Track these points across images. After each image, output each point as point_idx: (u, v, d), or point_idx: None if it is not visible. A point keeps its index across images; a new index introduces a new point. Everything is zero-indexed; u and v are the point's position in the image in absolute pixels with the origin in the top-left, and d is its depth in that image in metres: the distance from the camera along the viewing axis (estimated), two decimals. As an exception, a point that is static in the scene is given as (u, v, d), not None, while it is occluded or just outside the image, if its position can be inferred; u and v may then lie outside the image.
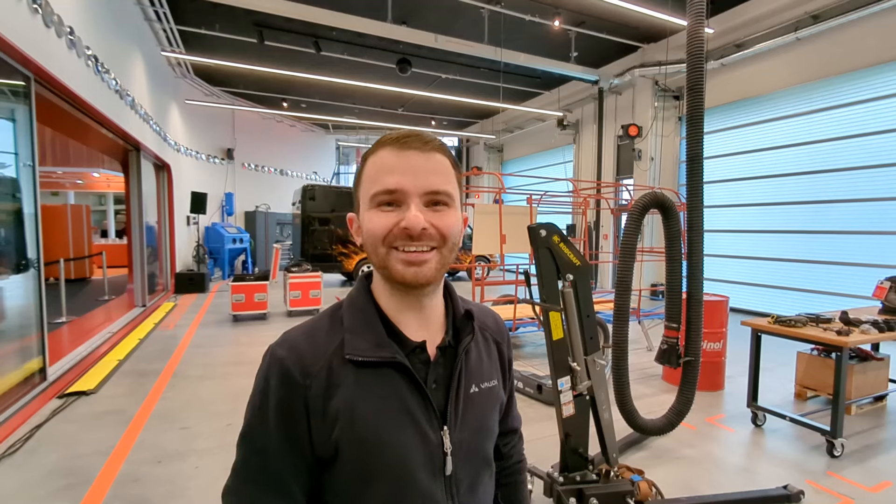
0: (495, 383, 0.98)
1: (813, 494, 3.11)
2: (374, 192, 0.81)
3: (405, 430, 0.83)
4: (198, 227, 13.22)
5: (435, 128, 19.17)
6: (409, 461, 0.82)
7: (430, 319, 0.91)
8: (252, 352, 6.41)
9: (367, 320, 0.87)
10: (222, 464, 3.46)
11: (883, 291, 4.39)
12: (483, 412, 0.94)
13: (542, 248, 2.45)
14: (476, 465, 0.93)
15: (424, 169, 0.82)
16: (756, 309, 9.14)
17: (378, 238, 0.81)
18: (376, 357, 0.83)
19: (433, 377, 0.87)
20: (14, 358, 4.46)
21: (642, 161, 11.37)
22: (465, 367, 0.92)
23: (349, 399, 0.81)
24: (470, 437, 0.90)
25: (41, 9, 4.63)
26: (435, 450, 0.85)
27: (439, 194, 0.82)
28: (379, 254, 0.82)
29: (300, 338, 0.86)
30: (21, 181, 4.63)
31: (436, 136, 0.86)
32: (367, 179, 0.84)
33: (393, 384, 0.84)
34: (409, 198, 0.80)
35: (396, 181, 0.80)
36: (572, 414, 2.52)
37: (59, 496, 3.02)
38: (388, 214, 0.81)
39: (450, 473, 0.86)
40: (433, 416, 0.85)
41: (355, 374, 0.83)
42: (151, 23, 9.79)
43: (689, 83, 2.91)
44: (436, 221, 0.81)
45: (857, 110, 7.83)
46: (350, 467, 0.82)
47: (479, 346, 0.98)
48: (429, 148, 0.83)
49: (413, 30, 9.56)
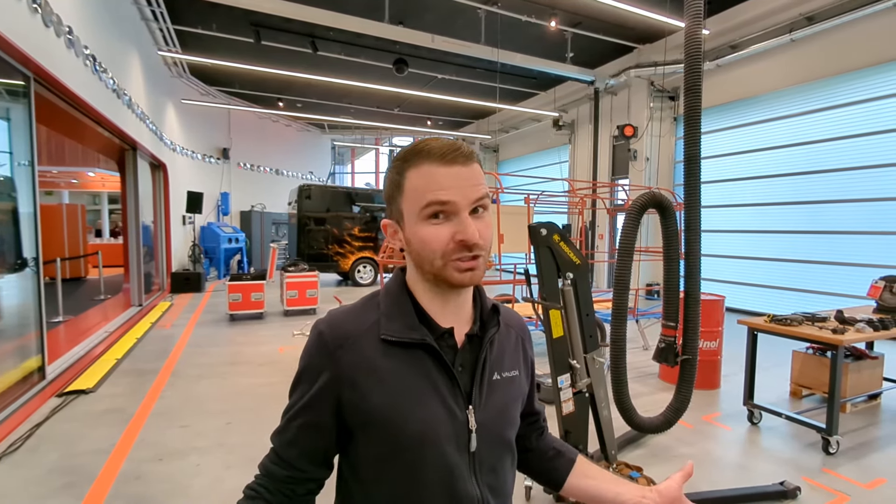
0: (516, 374, 1.04)
1: (809, 491, 3.14)
2: (425, 204, 0.86)
3: (433, 403, 0.89)
4: (194, 226, 13.19)
5: (431, 127, 19.18)
6: (437, 433, 0.88)
7: (460, 311, 0.97)
8: (249, 351, 6.42)
9: (401, 307, 0.94)
10: (223, 461, 3.47)
11: (877, 291, 4.43)
12: (505, 399, 0.99)
13: (542, 247, 2.48)
14: (499, 448, 0.98)
15: (470, 182, 0.87)
16: (752, 308, 9.21)
17: (437, 252, 0.87)
18: (408, 338, 0.90)
19: (460, 361, 0.94)
20: (13, 356, 4.46)
21: (638, 161, 11.42)
22: (490, 354, 0.98)
23: (380, 373, 0.88)
24: (493, 419, 0.95)
25: (41, 8, 4.63)
26: (460, 427, 0.91)
27: (482, 201, 0.89)
28: (436, 265, 0.88)
29: (342, 315, 0.95)
30: (20, 180, 4.62)
31: (466, 144, 0.92)
32: (413, 192, 0.89)
33: (422, 363, 0.90)
34: (460, 210, 0.86)
35: (448, 195, 0.86)
36: (572, 411, 2.55)
37: (61, 494, 3.02)
38: (440, 227, 0.87)
39: (474, 450, 0.92)
40: (459, 395, 0.91)
41: (388, 352, 0.90)
42: (148, 22, 9.78)
43: (687, 84, 2.94)
44: (482, 229, 0.88)
45: (851, 111, 7.90)
46: (379, 437, 0.88)
47: (503, 339, 1.04)
48: (470, 161, 0.89)
49: (410, 30, 9.58)
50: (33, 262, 4.71)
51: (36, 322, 4.76)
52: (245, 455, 3.56)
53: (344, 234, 12.94)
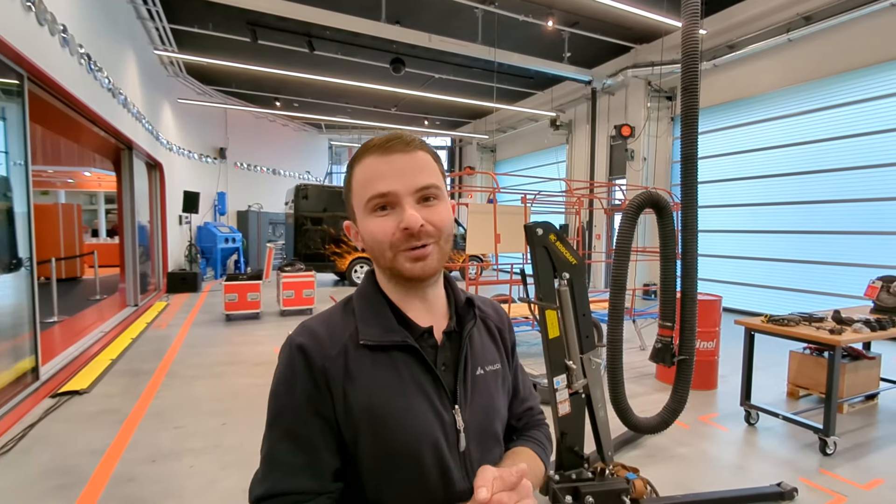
0: (499, 366, 1.03)
1: (806, 492, 3.13)
2: (368, 197, 0.86)
3: (421, 408, 0.87)
4: (190, 226, 13.14)
5: (428, 127, 19.18)
6: (427, 438, 0.86)
7: (434, 308, 0.96)
8: (245, 351, 6.39)
9: (377, 310, 0.92)
10: (217, 463, 3.44)
11: (875, 291, 4.43)
12: (490, 393, 0.98)
13: (538, 247, 2.46)
14: (487, 443, 0.97)
15: (411, 169, 0.86)
16: (749, 309, 9.21)
17: (384, 244, 0.86)
18: (388, 341, 0.87)
19: (442, 360, 0.92)
20: (6, 357, 4.42)
21: (635, 161, 11.42)
22: (471, 350, 0.97)
23: (366, 381, 0.85)
24: (479, 416, 0.94)
25: (34, 6, 4.59)
26: (449, 427, 0.89)
27: (429, 189, 0.87)
28: (386, 257, 0.87)
29: (317, 326, 0.91)
30: (13, 180, 4.59)
31: (415, 134, 0.91)
32: (358, 187, 0.89)
33: (406, 366, 0.88)
34: (402, 199, 0.85)
35: (387, 185, 0.84)
36: (568, 412, 2.53)
37: (54, 495, 2.99)
38: (385, 219, 0.85)
39: (464, 450, 0.91)
40: (444, 395, 0.90)
41: (370, 358, 0.87)
42: (144, 21, 9.74)
43: (684, 83, 2.93)
44: (430, 217, 0.86)
45: (848, 111, 7.91)
46: (372, 447, 0.85)
47: (482, 332, 1.03)
48: (411, 148, 0.87)
49: (407, 29, 9.56)
50: (28, 262, 4.68)
51: (30, 322, 4.72)
52: (240, 456, 3.53)
53: (341, 234, 12.90)
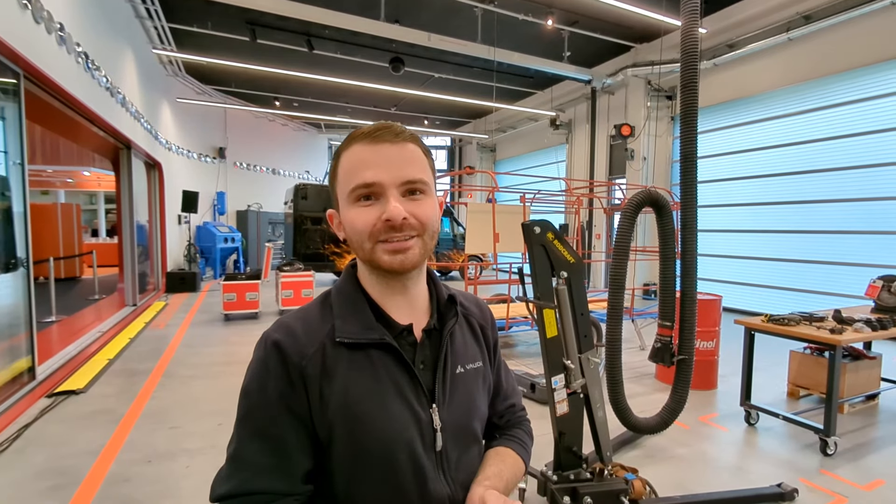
0: (480, 364, 1.01)
1: (806, 493, 3.11)
2: (352, 187, 0.83)
3: (397, 407, 0.85)
4: (189, 226, 13.12)
5: (428, 127, 19.16)
6: (402, 437, 0.84)
7: (415, 304, 0.93)
8: (243, 351, 6.36)
9: (355, 306, 0.89)
10: (213, 463, 3.41)
11: (875, 290, 4.41)
12: (469, 391, 0.97)
13: (536, 246, 2.44)
14: (465, 442, 0.95)
15: (399, 160, 0.84)
16: (748, 308, 9.18)
17: (364, 234, 0.83)
18: (366, 339, 0.85)
19: (420, 358, 0.90)
20: (2, 357, 4.40)
21: (635, 161, 11.40)
22: (451, 348, 0.95)
23: (343, 380, 0.83)
24: (458, 415, 0.92)
25: (31, 4, 4.57)
26: (425, 426, 0.87)
27: (415, 183, 0.84)
28: (365, 248, 0.85)
29: (294, 322, 0.88)
30: (10, 179, 4.57)
31: (405, 126, 0.88)
32: (343, 175, 0.86)
33: (383, 364, 0.86)
34: (387, 190, 0.82)
35: (373, 175, 0.82)
36: (566, 412, 2.51)
37: (48, 496, 2.97)
38: (369, 209, 0.83)
39: (440, 449, 0.89)
40: (422, 394, 0.88)
41: (347, 356, 0.85)
42: (143, 20, 9.71)
43: (683, 81, 2.91)
44: (415, 210, 0.84)
45: (848, 110, 7.88)
46: (346, 445, 0.83)
47: (464, 330, 1.01)
48: (400, 139, 0.85)
49: (406, 28, 9.54)
50: (24, 261, 4.66)
51: (26, 322, 4.70)
52: (236, 457, 3.50)
53: (340, 234, 12.89)
